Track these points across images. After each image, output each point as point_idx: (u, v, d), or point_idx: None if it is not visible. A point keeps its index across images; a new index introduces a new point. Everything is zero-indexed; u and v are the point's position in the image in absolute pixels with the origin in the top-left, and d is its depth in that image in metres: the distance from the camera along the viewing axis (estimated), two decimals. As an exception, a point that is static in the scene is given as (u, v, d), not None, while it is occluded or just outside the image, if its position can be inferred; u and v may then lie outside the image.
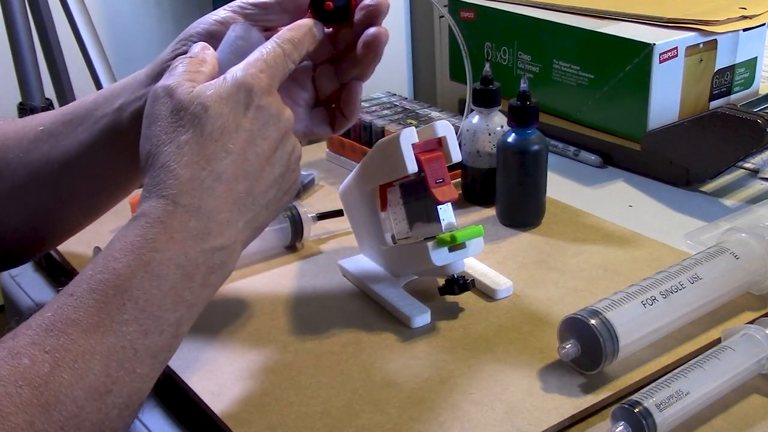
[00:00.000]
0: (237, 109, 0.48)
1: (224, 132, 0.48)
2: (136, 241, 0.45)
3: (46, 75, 1.50)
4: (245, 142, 0.48)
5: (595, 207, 0.79)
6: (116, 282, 0.43)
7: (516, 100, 0.72)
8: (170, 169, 0.47)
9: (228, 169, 0.47)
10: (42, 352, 0.40)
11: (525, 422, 0.50)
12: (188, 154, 0.47)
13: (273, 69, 0.51)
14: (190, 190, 0.46)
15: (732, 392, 0.52)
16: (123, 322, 0.42)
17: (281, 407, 0.52)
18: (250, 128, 0.48)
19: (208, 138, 0.47)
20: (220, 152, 0.47)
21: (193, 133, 0.47)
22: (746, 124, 0.76)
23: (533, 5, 0.98)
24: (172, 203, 0.46)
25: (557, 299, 0.63)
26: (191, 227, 0.46)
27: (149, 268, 0.44)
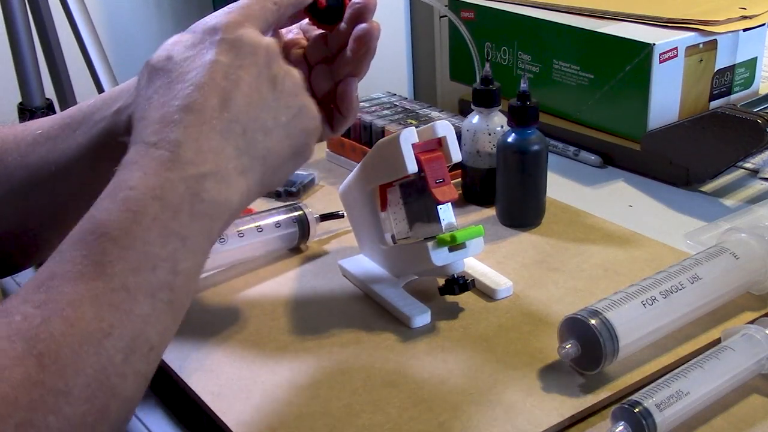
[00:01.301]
0: (203, 48, 0.49)
1: (191, 70, 0.48)
2: (112, 187, 0.45)
3: (46, 75, 1.50)
4: (216, 72, 0.48)
5: (595, 207, 0.79)
6: (95, 228, 0.42)
7: (516, 100, 0.72)
8: (142, 117, 0.47)
9: (197, 99, 0.47)
10: (32, 308, 0.40)
11: (525, 422, 0.50)
12: (156, 99, 0.47)
13: (245, 8, 0.51)
14: (160, 128, 0.46)
15: (732, 392, 0.52)
16: (107, 264, 0.41)
17: (281, 407, 0.52)
18: (219, 60, 0.48)
19: (175, 80, 0.48)
20: (187, 87, 0.47)
21: (161, 81, 0.48)
22: (746, 124, 0.76)
23: (533, 5, 0.98)
24: (143, 144, 0.46)
25: (557, 299, 0.63)
26: (164, 159, 0.45)
27: (125, 207, 0.43)
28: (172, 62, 0.49)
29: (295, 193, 0.83)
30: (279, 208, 0.73)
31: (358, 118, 0.89)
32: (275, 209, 0.72)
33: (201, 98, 0.47)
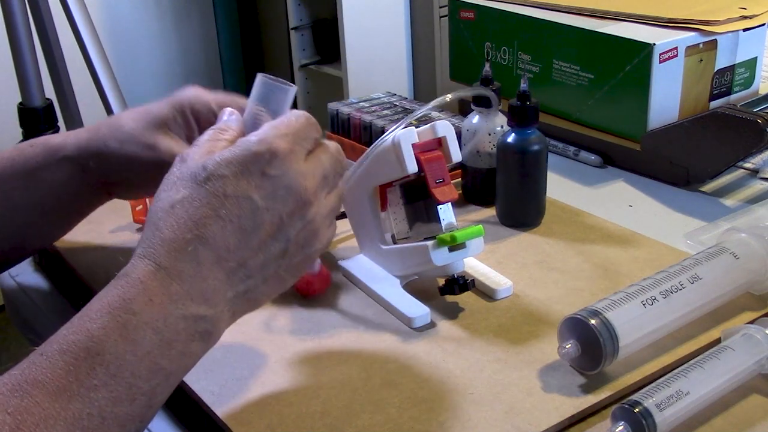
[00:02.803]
0: (240, 175, 0.46)
1: (219, 196, 0.45)
2: (114, 302, 0.43)
3: (46, 75, 1.50)
4: (243, 209, 0.46)
5: (595, 207, 0.79)
6: (88, 344, 0.41)
7: (516, 100, 0.72)
8: (158, 227, 0.45)
9: (217, 236, 0.45)
10: (4, 413, 0.38)
11: (525, 422, 0.50)
12: (178, 216, 0.45)
13: (294, 135, 0.48)
14: (173, 252, 0.44)
15: (732, 392, 0.52)
16: (92, 388, 0.40)
17: (281, 407, 0.52)
18: (250, 196, 0.46)
19: (199, 201, 0.45)
20: (211, 217, 0.45)
21: (188, 194, 0.46)
22: (746, 124, 0.76)
23: (533, 5, 0.98)
24: (154, 264, 0.44)
25: (557, 299, 0.63)
26: (172, 291, 0.44)
27: (124, 332, 0.42)
28: (205, 178, 0.46)
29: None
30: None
31: (357, 118, 0.89)
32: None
33: (221, 235, 0.45)
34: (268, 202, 0.46)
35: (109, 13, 2.43)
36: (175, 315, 0.43)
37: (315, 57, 2.54)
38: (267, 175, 0.46)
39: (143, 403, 0.42)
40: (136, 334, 0.42)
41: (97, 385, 0.40)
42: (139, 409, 0.42)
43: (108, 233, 0.76)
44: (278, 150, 0.47)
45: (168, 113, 0.62)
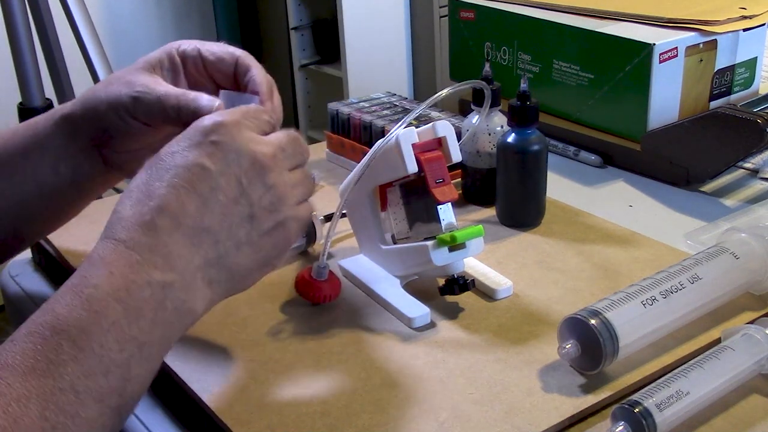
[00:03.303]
0: (190, 147, 0.48)
1: (170, 168, 0.47)
2: (76, 281, 0.43)
3: (46, 75, 1.50)
4: (195, 175, 0.47)
5: (595, 207, 0.79)
6: (53, 322, 0.41)
7: (516, 100, 0.72)
8: (116, 211, 0.47)
9: (172, 203, 0.46)
10: None
11: (525, 422, 0.50)
12: (132, 195, 0.47)
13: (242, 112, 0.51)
14: (130, 226, 0.45)
15: (732, 392, 0.52)
16: (60, 363, 0.40)
17: (281, 407, 0.52)
18: (200, 162, 0.47)
19: (154, 177, 0.47)
20: (164, 187, 0.46)
21: (144, 176, 0.48)
22: (746, 124, 0.76)
23: (533, 5, 0.98)
24: (113, 241, 0.45)
25: (557, 299, 0.63)
26: (132, 261, 0.44)
27: (87, 305, 0.42)
28: (158, 157, 0.48)
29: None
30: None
31: (357, 118, 0.89)
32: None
33: (176, 202, 0.46)
34: (220, 165, 0.48)
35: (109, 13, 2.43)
36: (138, 283, 0.44)
37: (315, 57, 2.54)
38: (215, 143, 0.48)
39: (119, 376, 0.42)
40: (99, 305, 0.42)
41: (66, 360, 0.40)
42: (115, 381, 0.42)
43: (108, 233, 0.75)
44: (225, 120, 0.49)
45: (156, 56, 0.62)
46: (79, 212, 0.68)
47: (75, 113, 0.62)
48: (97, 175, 0.64)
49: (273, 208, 0.50)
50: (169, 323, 0.45)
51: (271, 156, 0.50)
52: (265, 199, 0.49)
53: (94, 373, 0.41)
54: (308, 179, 0.54)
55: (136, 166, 0.65)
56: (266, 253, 0.50)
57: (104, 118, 0.60)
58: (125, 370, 0.42)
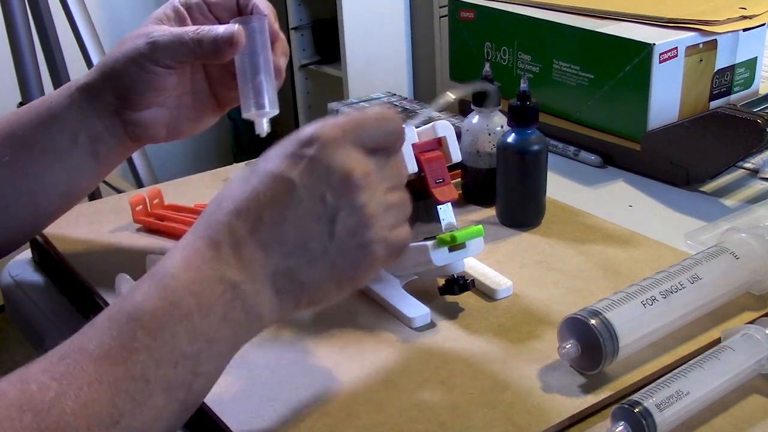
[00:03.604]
0: (283, 156, 0.47)
1: (259, 174, 0.47)
2: (157, 272, 0.45)
3: (46, 75, 1.50)
4: (279, 186, 0.46)
5: (595, 207, 0.79)
6: (131, 309, 0.42)
7: (516, 100, 0.72)
8: (202, 213, 0.48)
9: (251, 208, 0.46)
10: (50, 379, 0.39)
11: (525, 422, 0.50)
12: (220, 199, 0.47)
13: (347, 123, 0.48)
14: (210, 224, 0.46)
15: (732, 392, 0.52)
16: (133, 350, 0.41)
17: (281, 407, 0.52)
18: (287, 174, 0.46)
19: (243, 179, 0.47)
20: (248, 192, 0.46)
21: (237, 178, 0.48)
22: (746, 124, 0.76)
23: (533, 5, 0.98)
24: (194, 236, 0.46)
25: (557, 299, 0.63)
26: (208, 257, 0.45)
27: (163, 294, 0.43)
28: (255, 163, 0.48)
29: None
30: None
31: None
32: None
33: (254, 208, 0.46)
34: (307, 179, 0.46)
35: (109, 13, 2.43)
36: (211, 278, 0.44)
37: (315, 57, 2.54)
38: (307, 156, 0.47)
39: (188, 369, 0.42)
40: (174, 296, 0.43)
41: (139, 348, 0.41)
42: (183, 374, 0.42)
43: (108, 233, 0.76)
44: (321, 134, 0.47)
45: (161, 10, 0.65)
46: (95, 187, 0.69)
47: (91, 81, 0.64)
48: (116, 144, 0.66)
49: (357, 229, 0.48)
50: (238, 324, 0.45)
51: (364, 175, 0.48)
52: (350, 220, 0.47)
53: (164, 363, 0.42)
54: (405, 202, 0.51)
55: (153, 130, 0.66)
56: (343, 272, 0.48)
57: (123, 74, 0.62)
58: (194, 363, 0.43)
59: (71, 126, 0.64)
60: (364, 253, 0.48)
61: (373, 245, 0.48)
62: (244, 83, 0.64)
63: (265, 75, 0.63)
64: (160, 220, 0.76)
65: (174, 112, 0.66)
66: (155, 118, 0.66)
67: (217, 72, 0.68)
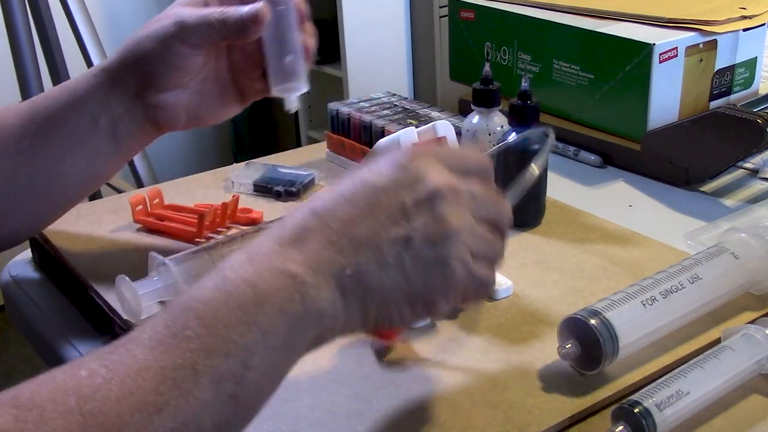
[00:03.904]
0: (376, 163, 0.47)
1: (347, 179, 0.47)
2: (220, 266, 0.44)
3: (46, 75, 1.50)
4: (358, 188, 0.46)
5: (595, 207, 0.79)
6: (186, 299, 0.42)
7: (517, 99, 0.72)
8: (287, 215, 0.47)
9: (325, 206, 0.46)
10: (101, 366, 0.39)
11: (525, 422, 0.50)
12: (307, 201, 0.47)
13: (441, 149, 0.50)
14: (284, 221, 0.46)
15: (732, 392, 0.52)
16: (184, 338, 0.40)
17: (281, 408, 0.52)
18: (374, 180, 0.46)
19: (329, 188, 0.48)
20: (327, 191, 0.47)
21: None
22: (746, 124, 0.76)
23: (533, 5, 0.98)
24: (265, 234, 0.46)
25: (557, 299, 0.63)
26: (270, 249, 0.44)
27: (220, 285, 0.42)
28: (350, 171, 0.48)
29: (296, 193, 0.83)
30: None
31: (357, 118, 0.89)
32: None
33: (330, 205, 0.46)
34: (387, 183, 0.46)
35: (109, 13, 2.43)
36: (270, 270, 0.43)
37: (315, 57, 2.54)
38: (396, 164, 0.47)
39: (239, 361, 0.41)
40: (230, 286, 0.42)
41: (190, 336, 0.40)
42: (234, 365, 0.41)
43: (108, 233, 0.76)
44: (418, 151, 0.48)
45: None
46: (113, 175, 0.68)
47: (114, 62, 0.64)
48: (136, 128, 0.65)
49: (437, 240, 0.46)
50: (296, 316, 0.43)
51: (450, 188, 0.47)
52: (429, 229, 0.46)
53: (215, 353, 0.40)
54: (499, 242, 0.49)
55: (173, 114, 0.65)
56: (417, 287, 0.46)
57: (148, 54, 0.62)
58: (247, 355, 0.41)
59: (92, 108, 0.64)
60: (440, 269, 0.46)
61: (451, 263, 0.46)
62: (273, 60, 0.64)
63: (293, 52, 0.64)
64: (160, 220, 0.76)
65: (195, 97, 0.66)
66: (176, 102, 0.65)
67: (241, 60, 0.68)
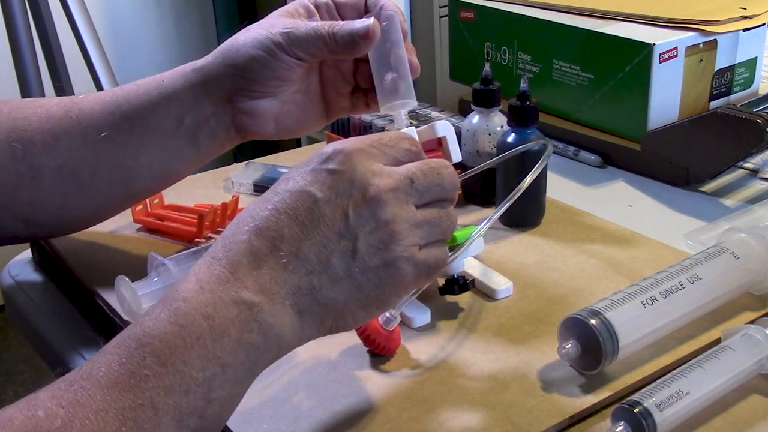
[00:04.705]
0: (304, 173, 0.46)
1: (279, 192, 0.46)
2: (168, 295, 0.43)
3: (46, 75, 1.50)
4: (299, 201, 0.45)
5: (595, 207, 0.79)
6: (140, 335, 0.41)
7: (516, 100, 0.72)
8: (223, 234, 0.46)
9: (271, 226, 0.45)
10: (58, 406, 0.38)
11: (525, 422, 0.50)
12: (240, 218, 0.46)
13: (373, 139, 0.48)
14: (228, 245, 0.45)
15: (732, 392, 0.52)
16: (142, 378, 0.40)
17: (281, 408, 0.52)
18: (308, 189, 0.46)
19: (263, 200, 0.47)
20: (266, 209, 0.45)
21: (256, 201, 0.47)
22: (746, 124, 0.76)
23: (533, 5, 0.98)
24: (211, 258, 0.45)
25: (557, 299, 0.63)
26: (223, 278, 0.43)
27: (174, 318, 0.42)
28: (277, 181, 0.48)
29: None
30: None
31: (357, 117, 0.89)
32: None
33: (275, 225, 0.45)
34: (328, 193, 0.46)
35: (109, 13, 2.43)
36: (225, 300, 0.43)
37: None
38: (331, 171, 0.46)
39: (200, 396, 0.41)
40: (185, 319, 0.42)
41: (148, 375, 0.40)
42: (195, 401, 0.41)
43: (108, 233, 0.76)
44: (345, 148, 0.47)
45: (293, 6, 0.64)
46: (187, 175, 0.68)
47: (211, 63, 0.63)
48: (220, 131, 0.65)
49: (382, 245, 0.46)
50: (254, 347, 0.43)
51: (389, 189, 0.46)
52: (373, 236, 0.46)
53: (175, 391, 0.40)
54: (442, 219, 0.49)
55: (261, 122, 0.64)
56: (369, 292, 0.46)
57: (249, 59, 0.61)
58: (207, 389, 0.41)
59: (179, 107, 0.63)
60: (389, 272, 0.46)
61: (399, 263, 0.47)
62: (380, 78, 0.63)
63: (400, 71, 0.62)
64: (160, 220, 0.76)
65: (285, 107, 0.65)
66: (267, 110, 0.64)
67: (332, 74, 0.67)
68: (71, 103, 0.64)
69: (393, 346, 0.57)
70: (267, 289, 0.44)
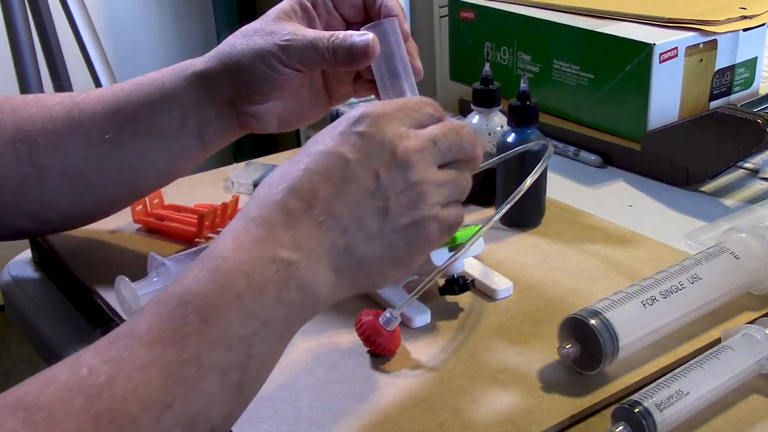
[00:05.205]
0: (335, 136, 0.47)
1: (311, 154, 0.47)
2: (206, 255, 0.44)
3: (46, 75, 1.50)
4: (332, 162, 0.46)
5: (595, 207, 0.79)
6: (180, 294, 0.42)
7: (516, 100, 0.72)
8: (256, 191, 0.47)
9: (304, 185, 0.46)
10: (101, 363, 0.39)
11: (525, 422, 0.50)
12: (273, 176, 0.47)
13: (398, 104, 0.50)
14: (262, 204, 0.46)
15: (732, 392, 0.52)
16: (185, 334, 0.40)
17: (281, 408, 0.52)
18: (339, 151, 0.47)
19: (294, 161, 0.47)
20: (300, 170, 0.46)
21: (286, 162, 0.48)
22: (746, 124, 0.76)
23: (533, 5, 0.98)
24: (246, 218, 0.46)
25: (557, 299, 0.63)
26: (260, 237, 0.44)
27: (214, 277, 0.42)
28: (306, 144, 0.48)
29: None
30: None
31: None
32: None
33: (309, 185, 0.46)
34: (359, 155, 0.47)
35: (109, 13, 2.43)
36: (263, 258, 0.43)
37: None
38: (360, 133, 0.47)
39: (241, 351, 0.42)
40: (225, 278, 0.42)
41: (191, 332, 0.40)
42: (236, 356, 0.41)
43: (108, 233, 0.76)
44: (374, 112, 0.48)
45: (288, 5, 0.63)
46: (191, 170, 0.69)
47: (211, 69, 0.63)
48: (225, 130, 0.65)
49: (411, 205, 0.48)
50: (293, 303, 0.44)
51: (416, 151, 0.48)
52: (403, 196, 0.48)
53: (217, 346, 0.41)
54: (459, 179, 0.51)
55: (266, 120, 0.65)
56: (398, 251, 0.48)
57: (249, 70, 0.61)
58: (248, 345, 0.42)
59: (182, 110, 0.63)
60: (417, 230, 0.48)
61: (426, 222, 0.49)
62: (384, 87, 0.62)
63: (404, 75, 0.62)
64: (160, 220, 0.76)
65: (288, 104, 0.66)
66: (270, 110, 0.65)
67: None
68: (72, 102, 0.64)
69: (393, 347, 0.57)
70: (303, 248, 0.45)
